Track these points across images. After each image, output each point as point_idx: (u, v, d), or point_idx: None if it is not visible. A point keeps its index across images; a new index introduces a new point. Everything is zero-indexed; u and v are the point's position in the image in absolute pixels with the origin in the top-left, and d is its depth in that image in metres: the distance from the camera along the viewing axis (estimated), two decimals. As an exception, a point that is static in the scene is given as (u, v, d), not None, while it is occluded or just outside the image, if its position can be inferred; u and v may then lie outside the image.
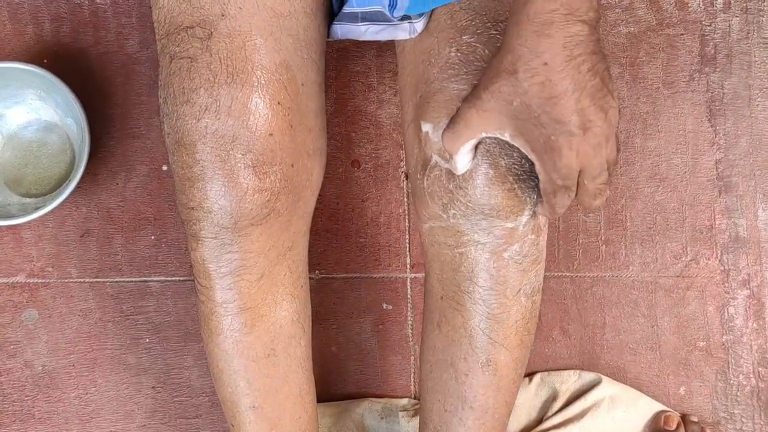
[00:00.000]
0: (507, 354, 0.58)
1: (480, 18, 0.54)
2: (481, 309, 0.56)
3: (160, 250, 0.83)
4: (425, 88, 0.56)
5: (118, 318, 0.82)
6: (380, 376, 0.83)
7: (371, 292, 0.84)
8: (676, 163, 0.86)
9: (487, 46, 0.53)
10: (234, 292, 0.57)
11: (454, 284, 0.57)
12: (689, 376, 0.84)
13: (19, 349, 0.82)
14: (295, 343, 0.62)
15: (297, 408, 0.62)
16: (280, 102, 0.55)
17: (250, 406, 0.60)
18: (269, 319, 0.59)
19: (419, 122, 0.56)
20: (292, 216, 0.58)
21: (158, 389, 0.82)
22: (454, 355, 0.58)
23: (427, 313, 0.61)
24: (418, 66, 0.57)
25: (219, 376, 0.61)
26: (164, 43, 0.56)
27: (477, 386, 0.58)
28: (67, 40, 0.86)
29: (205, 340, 0.60)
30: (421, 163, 0.56)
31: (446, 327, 0.58)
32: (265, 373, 0.60)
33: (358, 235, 0.84)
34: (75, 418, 0.81)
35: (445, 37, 0.55)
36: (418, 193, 0.58)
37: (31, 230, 0.83)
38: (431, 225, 0.58)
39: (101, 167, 0.84)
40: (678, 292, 0.84)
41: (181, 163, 0.55)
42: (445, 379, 0.59)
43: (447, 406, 0.59)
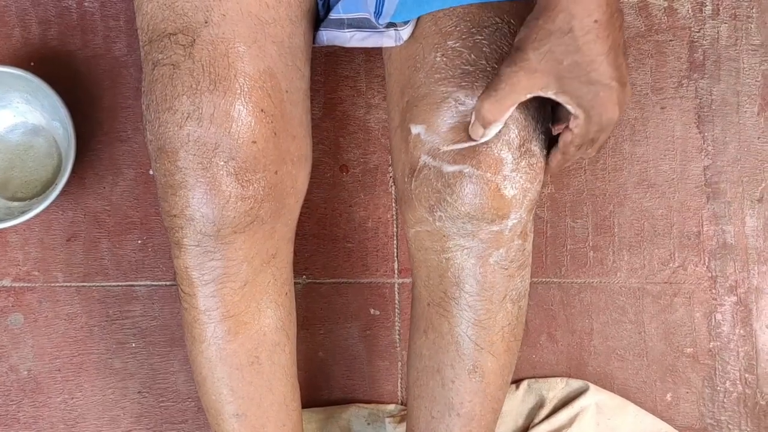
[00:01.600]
0: (493, 360, 0.58)
1: (464, 23, 0.54)
2: (468, 315, 0.56)
3: (146, 255, 0.83)
4: (412, 92, 0.56)
5: (104, 322, 0.82)
6: (367, 382, 0.83)
7: (359, 297, 0.83)
8: (664, 169, 0.86)
9: (473, 50, 0.54)
10: (217, 299, 0.57)
11: (440, 290, 0.57)
12: (676, 383, 0.84)
13: (4, 354, 0.81)
14: (279, 350, 0.61)
15: (281, 416, 0.62)
16: (264, 109, 0.55)
17: (234, 413, 0.60)
18: (253, 327, 0.59)
19: (407, 126, 0.56)
20: (275, 223, 0.58)
21: (144, 394, 0.81)
22: (440, 362, 0.58)
23: (414, 319, 0.61)
24: (404, 72, 0.57)
25: (202, 383, 0.60)
26: (147, 49, 0.56)
27: (464, 393, 0.58)
28: (54, 43, 0.85)
29: (189, 347, 0.60)
30: (409, 166, 0.56)
31: (433, 333, 0.58)
32: (248, 380, 0.60)
33: (345, 240, 0.84)
34: (60, 423, 0.80)
35: (430, 43, 0.55)
36: (405, 197, 0.58)
37: (17, 234, 0.83)
38: (417, 230, 0.57)
39: (88, 171, 0.84)
40: (665, 299, 0.84)
41: (163, 171, 0.55)
42: (432, 385, 0.59)
43: (434, 412, 0.59)
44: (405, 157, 0.57)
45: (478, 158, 0.52)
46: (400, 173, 0.58)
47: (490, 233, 0.54)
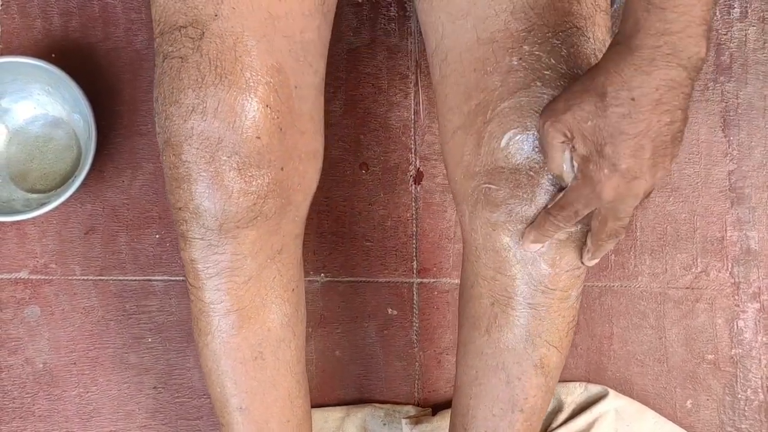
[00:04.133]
0: (558, 355, 0.58)
1: (540, 28, 0.54)
2: (536, 313, 0.56)
3: (164, 249, 0.83)
4: (483, 96, 0.55)
5: (120, 316, 0.82)
6: (384, 382, 0.82)
7: (376, 296, 0.83)
8: (689, 173, 0.85)
9: (551, 54, 0.53)
10: (222, 293, 0.57)
11: (509, 289, 0.56)
12: (696, 390, 0.83)
13: (20, 346, 0.81)
14: (284, 346, 0.61)
15: (285, 412, 0.62)
16: (269, 105, 0.54)
17: (238, 407, 0.60)
18: (257, 322, 0.59)
19: (480, 129, 0.55)
20: (281, 219, 0.58)
21: (160, 389, 0.81)
22: (506, 360, 0.58)
23: (471, 319, 0.60)
24: (469, 74, 0.57)
25: (208, 375, 0.61)
26: (159, 41, 0.56)
27: (529, 389, 0.58)
28: (76, 35, 0.85)
29: (196, 339, 0.61)
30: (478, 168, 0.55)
31: (497, 333, 0.58)
32: (252, 375, 0.60)
33: (364, 238, 0.83)
34: (75, 416, 0.80)
35: (502, 47, 0.55)
36: (474, 198, 0.57)
37: (35, 226, 0.82)
38: (487, 230, 0.56)
39: (107, 164, 0.83)
40: (687, 304, 0.83)
41: (168, 164, 0.55)
42: (495, 383, 0.59)
43: (495, 410, 0.59)
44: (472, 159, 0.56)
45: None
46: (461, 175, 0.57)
47: (568, 232, 0.54)
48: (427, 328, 0.83)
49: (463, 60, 0.58)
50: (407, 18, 0.86)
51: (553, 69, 0.53)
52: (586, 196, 0.49)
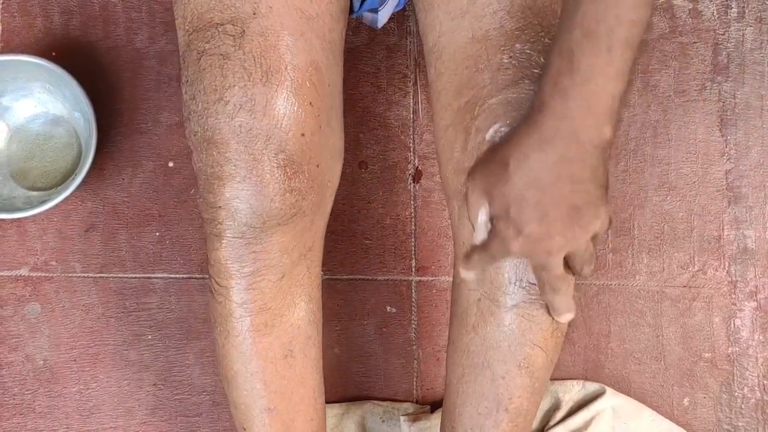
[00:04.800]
0: (544, 356, 0.58)
1: (533, 27, 0.55)
2: (521, 311, 0.56)
3: (164, 247, 0.83)
4: (473, 93, 0.56)
5: (120, 314, 0.82)
6: (383, 380, 0.82)
7: (375, 294, 0.83)
8: (686, 172, 0.85)
9: (542, 54, 0.54)
10: (255, 292, 0.57)
11: (495, 286, 0.56)
12: (693, 388, 0.83)
13: (20, 343, 0.81)
14: (311, 343, 0.62)
15: (310, 410, 0.62)
16: (312, 102, 0.55)
17: (266, 408, 0.60)
18: (288, 320, 0.59)
19: (468, 126, 0.56)
20: (314, 216, 0.58)
21: (159, 387, 0.81)
22: (491, 358, 0.58)
23: (460, 316, 0.60)
24: (461, 72, 0.57)
25: (234, 378, 0.60)
26: (191, 38, 0.56)
27: (513, 388, 0.58)
28: (76, 34, 0.85)
29: (221, 342, 0.60)
30: (466, 165, 0.56)
31: (483, 329, 0.58)
32: (282, 374, 0.60)
33: (363, 236, 0.84)
34: (75, 413, 0.81)
35: (495, 45, 0.55)
36: (455, 196, 0.57)
37: (36, 224, 0.83)
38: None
39: (108, 162, 0.84)
40: (684, 303, 0.84)
41: (211, 162, 0.54)
42: (480, 381, 0.59)
43: (480, 409, 0.59)
44: (459, 156, 0.56)
45: None
46: (451, 172, 0.58)
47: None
48: (425, 326, 0.83)
49: (456, 58, 0.58)
50: (406, 17, 0.86)
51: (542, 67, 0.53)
52: (498, 248, 0.50)
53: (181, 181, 0.83)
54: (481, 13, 0.57)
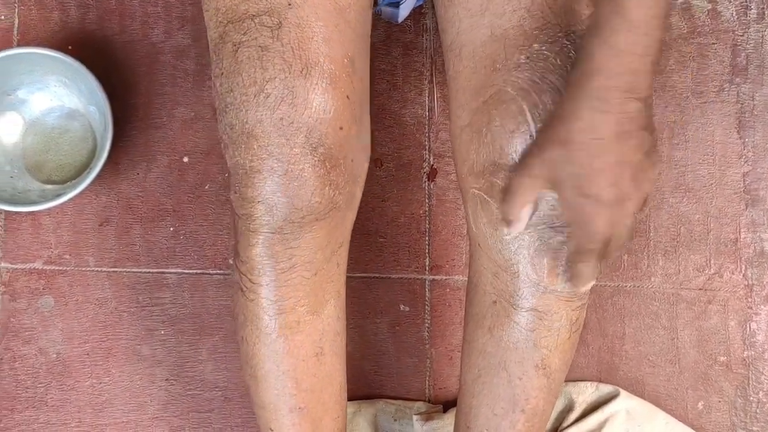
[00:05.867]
0: (560, 357, 0.58)
1: (552, 27, 0.54)
2: (538, 313, 0.56)
3: (178, 242, 0.83)
4: (490, 93, 0.55)
5: (133, 308, 0.82)
6: (395, 378, 0.82)
7: (389, 292, 0.83)
8: (703, 174, 0.84)
9: (559, 55, 0.53)
10: (289, 289, 0.56)
11: (511, 288, 0.56)
12: (708, 391, 0.82)
13: (34, 336, 0.81)
14: (339, 340, 0.61)
15: (336, 408, 0.62)
16: (349, 95, 0.55)
17: (296, 407, 0.59)
18: (319, 317, 0.59)
19: (482, 126, 0.55)
20: (347, 211, 0.58)
21: (172, 382, 0.81)
22: (507, 359, 0.58)
23: (476, 317, 0.60)
24: (480, 71, 0.57)
25: (265, 378, 0.59)
26: (226, 30, 0.55)
27: (530, 389, 0.58)
28: (92, 27, 0.85)
29: (251, 341, 0.59)
30: (482, 167, 0.56)
31: (499, 331, 0.58)
32: (313, 372, 0.59)
33: (377, 234, 0.83)
34: (87, 407, 0.81)
35: (513, 44, 0.55)
36: (476, 196, 0.57)
37: (50, 217, 0.83)
38: (491, 230, 0.56)
39: (122, 156, 0.84)
40: (700, 305, 0.83)
41: (251, 155, 0.54)
42: (496, 382, 0.58)
43: (496, 409, 0.59)
44: (476, 157, 0.56)
45: None
46: (467, 172, 0.57)
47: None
48: (438, 325, 0.83)
49: (475, 56, 0.58)
50: (423, 14, 0.86)
51: (558, 69, 0.53)
52: (584, 236, 0.50)
53: (195, 177, 0.83)
54: (501, 11, 0.56)
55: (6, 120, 0.82)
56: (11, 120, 0.82)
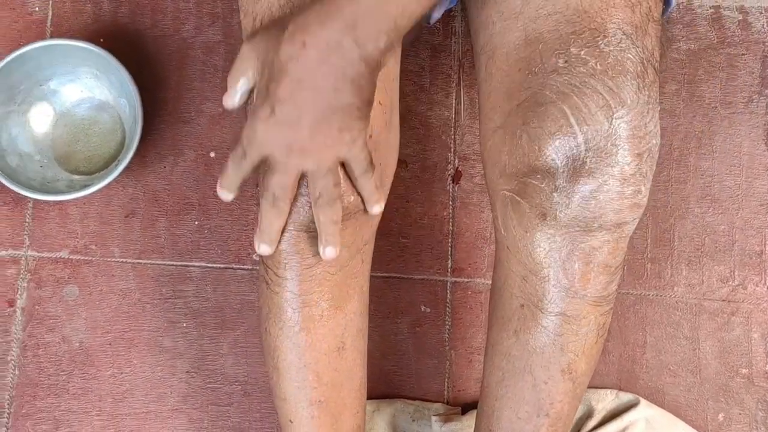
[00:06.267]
0: (586, 362, 0.58)
1: (590, 32, 0.54)
2: (567, 317, 0.56)
3: (202, 236, 0.83)
4: (525, 96, 0.55)
5: (156, 300, 0.83)
6: (414, 379, 0.82)
7: (410, 293, 0.83)
8: (729, 185, 0.84)
9: (599, 60, 0.53)
10: (313, 283, 0.57)
11: (540, 292, 0.56)
12: (729, 403, 0.82)
13: (57, 324, 0.82)
14: (361, 336, 0.61)
15: (356, 404, 0.62)
16: (381, 101, 0.55)
17: (316, 400, 0.59)
18: (342, 312, 0.59)
19: (515, 129, 0.55)
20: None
21: (192, 374, 0.82)
22: (533, 363, 0.58)
23: (501, 320, 0.60)
24: (513, 74, 0.57)
25: (286, 369, 0.59)
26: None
27: (555, 393, 0.58)
28: (124, 21, 0.86)
29: (274, 333, 0.59)
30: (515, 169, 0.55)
31: (525, 335, 0.58)
32: (334, 366, 0.59)
33: (400, 235, 0.84)
34: (108, 396, 0.81)
35: (549, 48, 0.55)
36: (506, 199, 0.57)
37: (77, 207, 0.84)
38: (522, 232, 0.56)
39: (150, 150, 0.84)
40: (723, 317, 0.83)
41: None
42: (521, 386, 0.58)
43: (520, 413, 0.59)
44: (507, 159, 0.56)
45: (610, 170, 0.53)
46: (498, 174, 0.57)
47: (602, 240, 0.54)
48: (459, 328, 0.83)
49: (509, 59, 0.58)
50: (452, 17, 0.86)
51: (597, 75, 0.53)
52: (248, 134, 0.50)
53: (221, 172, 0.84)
54: (535, 15, 0.56)
55: (37, 110, 0.83)
56: (42, 110, 0.83)
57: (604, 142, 0.52)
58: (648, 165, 0.53)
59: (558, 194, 0.53)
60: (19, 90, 0.81)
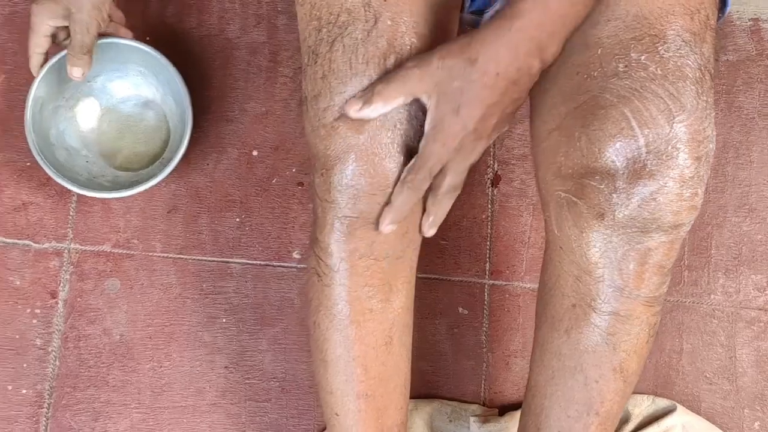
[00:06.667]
0: (637, 361, 0.59)
1: (650, 38, 0.55)
2: (620, 317, 0.57)
3: (243, 233, 0.84)
4: (584, 99, 0.56)
5: (197, 295, 0.84)
6: (451, 380, 0.83)
7: (448, 294, 0.84)
8: (767, 194, 0.84)
9: (659, 65, 0.54)
10: (364, 277, 0.58)
11: (594, 292, 0.57)
12: (765, 412, 0.82)
13: (99, 317, 0.83)
14: (407, 332, 0.62)
15: (401, 399, 0.63)
16: None
17: (363, 394, 0.60)
18: (391, 306, 0.60)
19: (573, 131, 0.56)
20: (421, 201, 0.59)
21: (231, 369, 0.83)
22: (584, 362, 0.58)
23: (551, 319, 0.60)
24: (571, 77, 0.58)
25: (335, 362, 0.60)
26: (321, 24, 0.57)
27: (606, 392, 0.58)
28: (171, 21, 0.88)
29: (323, 326, 0.60)
30: (571, 170, 0.56)
31: (577, 334, 0.58)
32: (381, 360, 0.60)
33: (439, 236, 0.84)
34: (147, 389, 0.82)
35: (608, 53, 0.56)
36: (563, 200, 0.58)
37: (121, 202, 0.85)
38: (577, 232, 0.57)
39: (193, 147, 0.86)
40: (759, 325, 0.83)
41: (336, 143, 0.55)
42: (571, 385, 0.59)
43: (570, 412, 0.59)
44: (565, 160, 0.57)
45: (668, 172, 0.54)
46: (553, 175, 0.58)
47: (659, 241, 0.55)
48: (496, 330, 0.83)
49: (565, 63, 0.58)
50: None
51: (658, 80, 0.54)
52: (437, 151, 0.54)
53: (263, 170, 0.85)
54: (594, 21, 0.57)
55: (84, 106, 0.84)
56: (89, 106, 0.85)
57: (664, 145, 0.53)
58: (704, 168, 0.54)
59: (617, 195, 0.54)
60: (68, 86, 0.82)
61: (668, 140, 0.53)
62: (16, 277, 0.83)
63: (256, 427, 0.82)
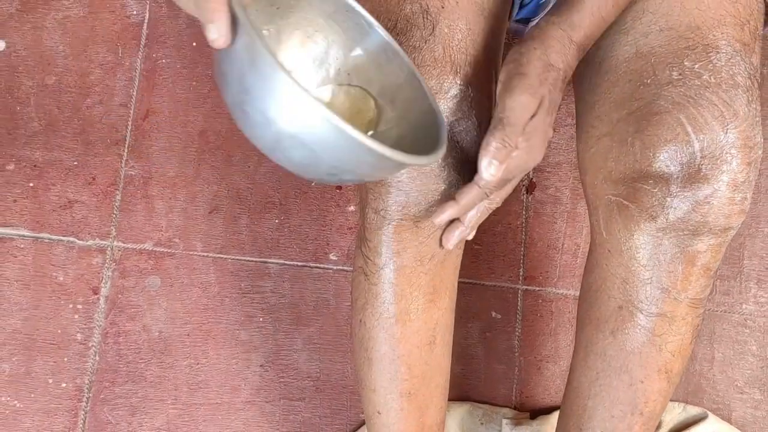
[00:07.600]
0: (681, 362, 0.60)
1: (703, 47, 0.56)
2: (666, 318, 0.58)
3: (282, 234, 0.86)
4: (636, 105, 0.58)
5: (235, 294, 0.85)
6: (483, 383, 0.84)
7: (482, 299, 0.85)
8: (798, 207, 0.85)
9: (712, 74, 0.55)
10: (411, 277, 0.59)
11: (642, 294, 0.58)
12: (797, 422, 0.83)
13: (139, 313, 0.85)
14: (449, 332, 0.63)
15: (441, 399, 0.64)
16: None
17: (407, 392, 0.61)
18: (435, 306, 0.61)
19: (625, 137, 0.58)
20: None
21: (266, 368, 0.84)
22: (630, 362, 0.59)
23: (596, 321, 0.61)
24: (622, 85, 0.59)
25: (380, 360, 0.61)
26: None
27: (650, 392, 0.59)
28: None
29: (369, 324, 0.61)
30: (623, 174, 0.58)
31: (623, 335, 0.59)
32: (425, 360, 0.61)
33: (474, 241, 0.86)
34: (184, 385, 0.84)
35: (661, 61, 0.57)
36: (613, 204, 0.59)
37: (163, 201, 0.87)
38: (627, 235, 0.58)
39: (236, 149, 0.88)
40: (791, 336, 0.84)
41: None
42: (616, 385, 0.60)
43: (614, 412, 0.60)
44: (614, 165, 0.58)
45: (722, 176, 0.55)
46: (602, 180, 0.60)
47: (708, 243, 0.56)
48: (529, 335, 0.84)
49: (618, 71, 0.60)
50: (529, 35, 0.89)
51: (711, 88, 0.55)
52: (525, 162, 0.54)
53: (302, 174, 0.87)
54: (647, 30, 0.59)
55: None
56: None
57: (719, 150, 0.54)
58: (754, 174, 0.56)
59: (671, 198, 0.56)
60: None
61: (722, 146, 0.54)
62: (59, 273, 0.85)
63: (289, 426, 0.83)
